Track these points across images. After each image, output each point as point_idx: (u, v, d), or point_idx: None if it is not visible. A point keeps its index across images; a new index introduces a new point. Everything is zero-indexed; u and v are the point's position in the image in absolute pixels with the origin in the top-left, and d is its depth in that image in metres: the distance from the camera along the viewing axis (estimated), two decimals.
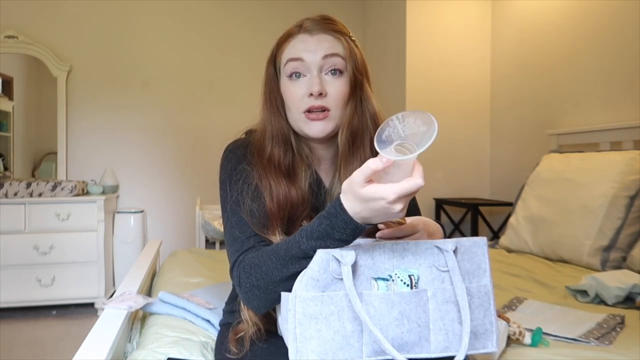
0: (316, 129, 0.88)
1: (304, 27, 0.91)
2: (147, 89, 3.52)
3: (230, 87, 3.61)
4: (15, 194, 2.91)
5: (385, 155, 0.61)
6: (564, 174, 2.15)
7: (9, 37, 3.22)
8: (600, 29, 2.44)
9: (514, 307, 1.41)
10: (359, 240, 0.75)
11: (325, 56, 0.88)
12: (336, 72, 0.89)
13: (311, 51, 0.88)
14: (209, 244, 3.30)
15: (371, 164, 0.62)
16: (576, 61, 2.60)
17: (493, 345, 0.75)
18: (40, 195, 2.94)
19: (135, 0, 3.48)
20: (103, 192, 3.22)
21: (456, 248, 0.75)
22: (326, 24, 0.91)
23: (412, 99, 3.20)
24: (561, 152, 2.50)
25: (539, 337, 1.11)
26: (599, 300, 1.51)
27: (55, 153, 3.38)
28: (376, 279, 0.72)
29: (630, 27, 2.26)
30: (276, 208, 0.86)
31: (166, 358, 0.99)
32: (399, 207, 0.63)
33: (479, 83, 3.33)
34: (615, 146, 2.30)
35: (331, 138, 0.94)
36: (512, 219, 2.36)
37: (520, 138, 3.06)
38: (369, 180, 0.64)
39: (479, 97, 3.34)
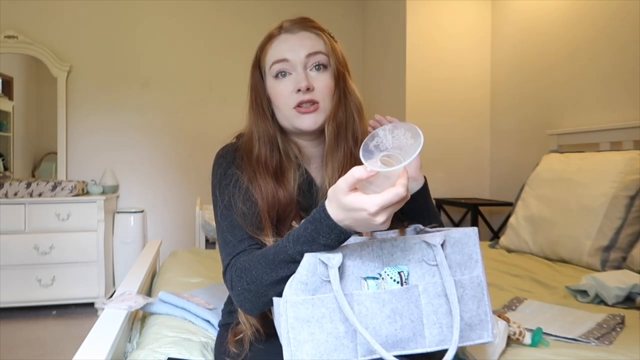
0: (308, 121, 0.90)
1: (284, 28, 0.93)
2: (147, 89, 3.52)
3: (230, 88, 3.61)
4: (15, 194, 2.91)
5: (370, 166, 0.61)
6: (564, 174, 2.15)
7: (9, 37, 3.22)
8: (600, 29, 2.44)
9: (514, 307, 1.41)
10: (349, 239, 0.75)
11: (309, 54, 0.90)
12: (320, 67, 0.91)
13: (294, 50, 0.90)
14: (209, 244, 3.30)
15: (355, 172, 0.61)
16: (576, 61, 2.60)
17: (489, 335, 0.75)
18: (40, 195, 2.94)
19: (135, 0, 3.48)
20: (103, 192, 3.22)
21: (445, 241, 0.75)
22: (305, 22, 0.93)
23: (412, 99, 3.20)
24: (561, 152, 2.49)
25: (539, 337, 1.11)
26: (599, 300, 1.51)
27: (55, 153, 3.38)
28: (366, 278, 0.72)
29: (630, 27, 2.26)
30: (266, 208, 0.88)
31: (166, 358, 0.99)
32: (381, 218, 0.62)
33: (479, 83, 3.33)
34: (615, 146, 2.30)
35: (320, 135, 0.95)
36: (512, 219, 2.36)
37: (520, 138, 3.06)
38: (354, 189, 0.63)
39: (479, 97, 3.34)
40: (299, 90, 0.89)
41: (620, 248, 1.89)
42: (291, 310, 0.69)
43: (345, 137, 0.93)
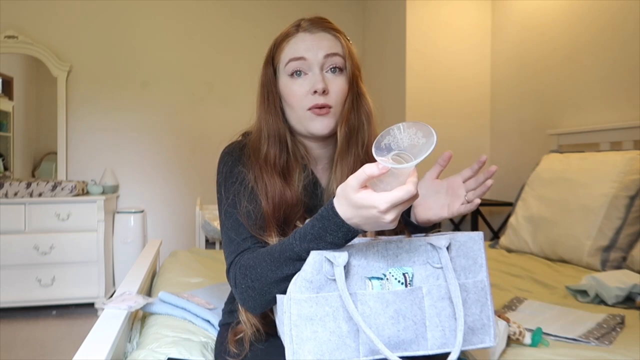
0: (320, 125, 0.89)
1: (302, 27, 0.92)
2: (147, 89, 3.52)
3: (230, 88, 3.61)
4: (15, 194, 2.91)
5: (382, 163, 0.61)
6: (564, 174, 2.15)
7: (9, 37, 3.22)
8: (600, 29, 2.44)
9: (514, 307, 1.41)
10: (354, 240, 0.75)
11: (327, 55, 0.89)
12: (336, 70, 0.90)
13: (312, 50, 0.89)
14: (209, 244, 3.30)
15: (367, 169, 0.62)
16: (576, 61, 2.60)
17: (491, 339, 0.75)
18: (40, 195, 2.94)
19: (135, 0, 3.48)
20: (103, 192, 3.22)
21: (450, 244, 0.75)
22: (324, 23, 0.92)
23: (412, 99, 3.21)
24: (561, 152, 2.50)
25: (539, 337, 1.11)
26: (599, 300, 1.51)
27: (55, 153, 3.38)
28: (370, 278, 0.72)
29: (630, 27, 2.26)
30: (271, 208, 0.87)
31: (166, 358, 0.99)
32: (390, 217, 0.62)
33: (479, 83, 3.33)
34: (615, 146, 2.30)
35: (328, 137, 0.94)
36: (512, 219, 2.36)
37: (520, 138, 3.06)
38: (364, 186, 0.64)
39: (479, 97, 3.34)
40: (315, 92, 0.88)
41: (620, 248, 1.89)
42: (295, 308, 0.68)
43: (356, 141, 0.93)
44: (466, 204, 0.83)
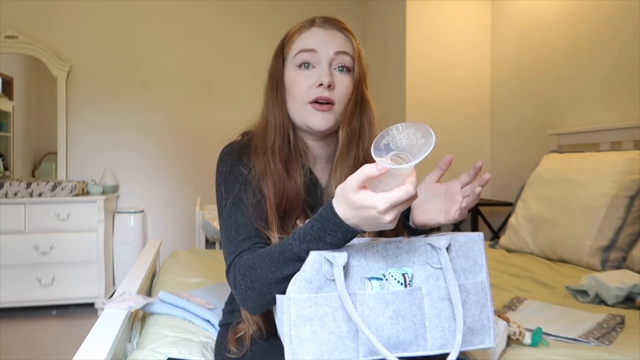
0: (319, 120, 0.89)
1: (316, 22, 0.93)
2: (147, 89, 3.52)
3: (230, 88, 3.61)
4: (15, 194, 2.91)
5: (381, 163, 0.61)
6: (564, 174, 2.15)
7: (9, 37, 3.22)
8: (600, 29, 2.44)
9: (514, 307, 1.41)
10: (354, 240, 0.75)
11: (337, 52, 0.90)
12: (344, 69, 0.91)
13: (324, 44, 0.90)
14: (209, 244, 3.30)
15: (366, 170, 0.62)
16: (576, 61, 2.60)
17: (491, 340, 0.75)
18: (40, 195, 2.94)
19: (135, 0, 3.48)
20: (103, 192, 3.22)
21: (450, 245, 0.75)
22: (338, 22, 0.93)
23: (412, 99, 3.20)
24: (561, 152, 2.49)
25: (539, 337, 1.11)
26: (599, 300, 1.51)
27: (55, 153, 3.38)
28: (370, 278, 0.72)
29: (630, 27, 2.26)
30: (275, 198, 0.87)
31: (166, 358, 0.99)
32: (389, 217, 0.63)
33: (479, 83, 3.33)
34: (615, 146, 2.30)
35: (329, 136, 0.95)
36: (512, 219, 2.36)
37: (520, 138, 3.06)
38: (363, 187, 0.64)
39: (479, 97, 3.34)
40: (320, 84, 0.88)
41: (620, 248, 1.89)
42: (294, 308, 0.68)
43: (357, 145, 0.93)
44: (460, 210, 0.83)
